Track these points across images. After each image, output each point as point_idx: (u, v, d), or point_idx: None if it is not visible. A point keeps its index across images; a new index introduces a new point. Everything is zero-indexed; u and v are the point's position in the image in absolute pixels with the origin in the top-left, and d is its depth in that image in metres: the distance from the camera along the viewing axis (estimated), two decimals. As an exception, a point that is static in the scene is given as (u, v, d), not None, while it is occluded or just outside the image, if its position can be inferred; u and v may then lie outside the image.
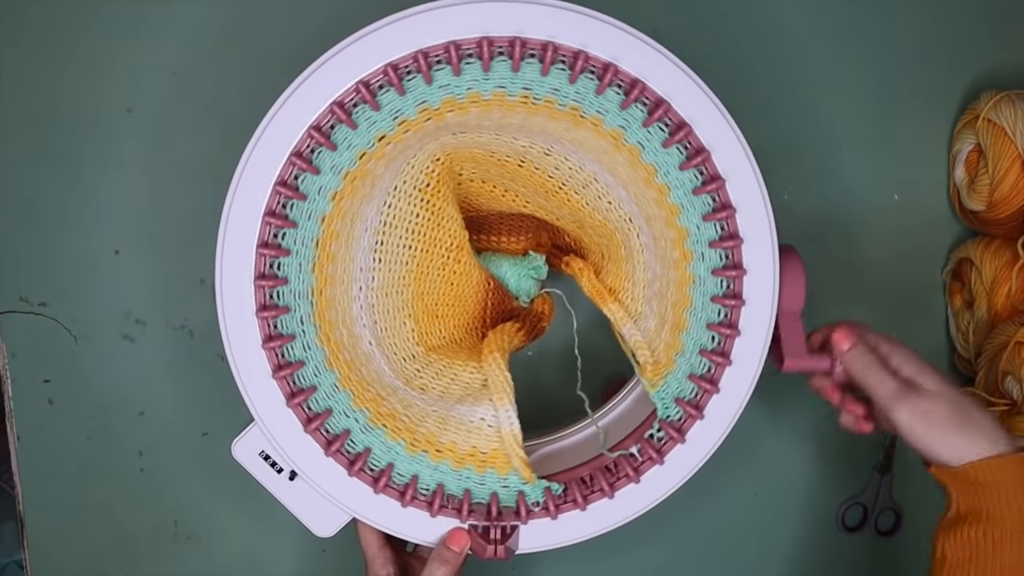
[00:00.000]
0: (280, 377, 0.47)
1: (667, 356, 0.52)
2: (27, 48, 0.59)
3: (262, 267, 0.46)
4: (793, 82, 0.65)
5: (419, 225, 0.53)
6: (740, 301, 0.49)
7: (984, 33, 0.66)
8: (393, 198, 0.51)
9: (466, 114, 0.46)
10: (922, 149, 0.67)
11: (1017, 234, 0.62)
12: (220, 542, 0.64)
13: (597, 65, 0.44)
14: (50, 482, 0.62)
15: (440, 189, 0.53)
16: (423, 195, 0.52)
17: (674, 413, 0.51)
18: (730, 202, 0.47)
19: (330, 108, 0.44)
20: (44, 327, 0.61)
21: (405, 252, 0.53)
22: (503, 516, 0.50)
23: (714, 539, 0.68)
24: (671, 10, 0.63)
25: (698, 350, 0.50)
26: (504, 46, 0.44)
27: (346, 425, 0.49)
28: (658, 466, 0.51)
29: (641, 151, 0.47)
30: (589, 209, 0.54)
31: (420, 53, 0.43)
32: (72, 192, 0.60)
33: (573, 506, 0.51)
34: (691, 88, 0.46)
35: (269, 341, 0.47)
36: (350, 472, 0.49)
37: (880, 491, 0.68)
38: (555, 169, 0.53)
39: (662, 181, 0.48)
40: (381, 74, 0.44)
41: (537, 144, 0.51)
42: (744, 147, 0.47)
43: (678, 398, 0.51)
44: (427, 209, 0.52)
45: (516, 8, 0.43)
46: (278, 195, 0.45)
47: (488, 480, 0.51)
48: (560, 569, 0.66)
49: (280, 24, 0.61)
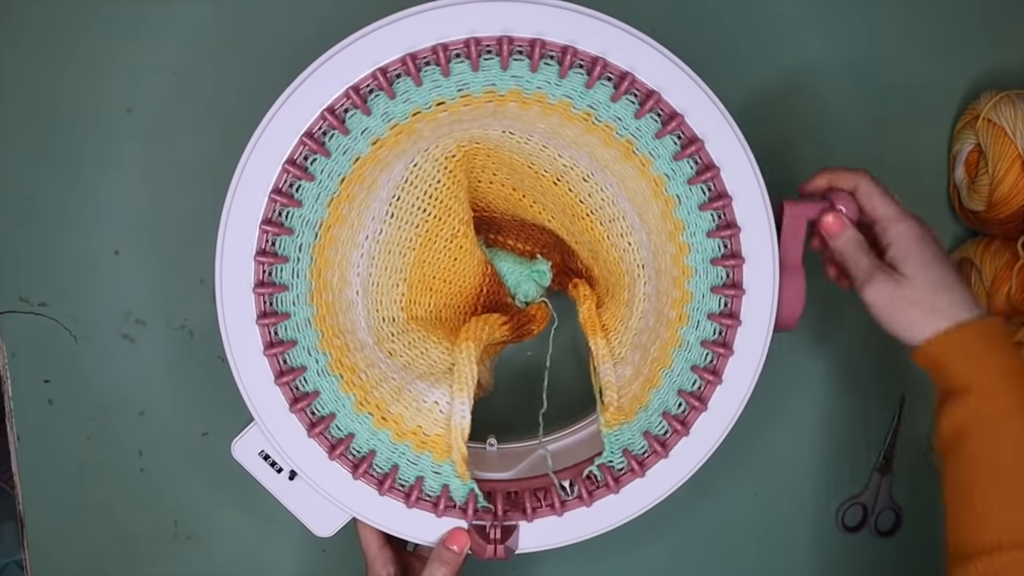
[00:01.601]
0: (283, 383, 0.47)
1: (631, 407, 0.52)
2: (27, 48, 0.59)
3: (261, 274, 0.46)
4: (792, 82, 0.65)
5: (438, 191, 0.53)
6: (740, 293, 0.49)
7: (984, 33, 0.66)
8: (421, 158, 0.51)
9: (481, 109, 0.47)
10: (922, 149, 0.67)
11: (1017, 234, 0.62)
12: (220, 542, 0.64)
13: (614, 72, 0.45)
14: (50, 482, 0.62)
15: (464, 164, 0.53)
16: (447, 164, 0.52)
17: (617, 461, 0.51)
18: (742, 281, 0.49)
19: (346, 93, 0.45)
20: (44, 327, 0.61)
21: (418, 215, 0.53)
22: (507, 515, 0.50)
23: (714, 539, 0.68)
24: (671, 10, 0.63)
25: (661, 410, 0.51)
26: (524, 45, 0.44)
27: (333, 410, 0.49)
28: (663, 460, 0.51)
29: (676, 204, 0.48)
30: (608, 244, 0.54)
31: (440, 46, 0.44)
32: (72, 192, 0.60)
33: (579, 503, 0.51)
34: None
35: (271, 347, 0.47)
36: (340, 464, 0.49)
37: (880, 491, 0.68)
38: (588, 196, 0.53)
39: (685, 240, 0.49)
40: (400, 63, 0.44)
41: (580, 167, 0.52)
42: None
43: (626, 449, 0.51)
44: (449, 177, 0.53)
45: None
46: (275, 204, 0.45)
47: (422, 462, 0.51)
48: (560, 569, 0.66)
49: (280, 24, 0.61)
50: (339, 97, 0.44)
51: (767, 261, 0.49)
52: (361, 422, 0.50)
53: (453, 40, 0.44)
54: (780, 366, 0.59)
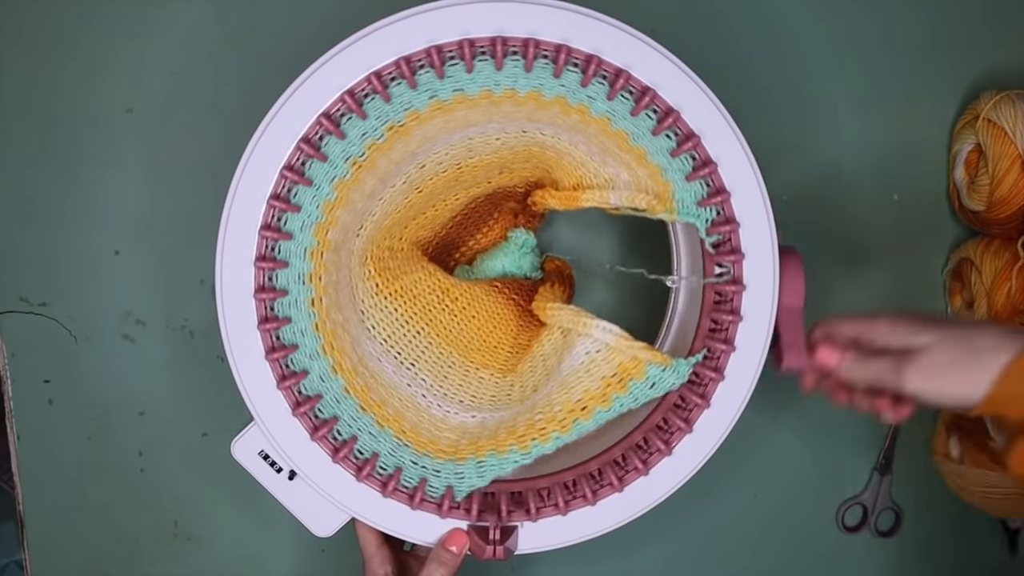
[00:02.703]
0: (285, 387, 0.47)
1: (659, 184, 0.50)
2: (27, 48, 0.59)
3: (261, 280, 0.46)
4: (793, 82, 0.65)
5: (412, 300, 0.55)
6: (741, 285, 0.50)
7: (984, 33, 0.66)
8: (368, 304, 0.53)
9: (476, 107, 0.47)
10: (922, 149, 0.67)
11: (1017, 234, 0.62)
12: (220, 542, 0.64)
13: (610, 71, 0.45)
14: (50, 482, 0.62)
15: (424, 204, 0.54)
16: (394, 303, 0.54)
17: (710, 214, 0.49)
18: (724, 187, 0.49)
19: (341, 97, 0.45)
20: (44, 327, 0.61)
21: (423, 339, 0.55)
22: (511, 515, 0.50)
23: (714, 539, 0.68)
24: (670, 10, 0.63)
25: (679, 170, 0.49)
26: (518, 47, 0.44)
27: (336, 412, 0.50)
28: (666, 458, 0.51)
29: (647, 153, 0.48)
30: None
31: (433, 48, 0.44)
32: (72, 192, 0.61)
33: (583, 502, 0.51)
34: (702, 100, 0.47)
35: (272, 352, 0.47)
36: (342, 466, 0.49)
37: (880, 491, 0.67)
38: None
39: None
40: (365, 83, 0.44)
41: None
42: (752, 164, 0.48)
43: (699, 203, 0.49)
44: (402, 298, 0.54)
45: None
46: (272, 209, 0.45)
47: (423, 463, 0.50)
48: (559, 570, 0.66)
49: (280, 24, 0.61)
50: (334, 102, 0.45)
51: (767, 256, 0.49)
52: (363, 422, 0.50)
53: (447, 42, 0.44)
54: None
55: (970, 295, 0.65)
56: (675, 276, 0.53)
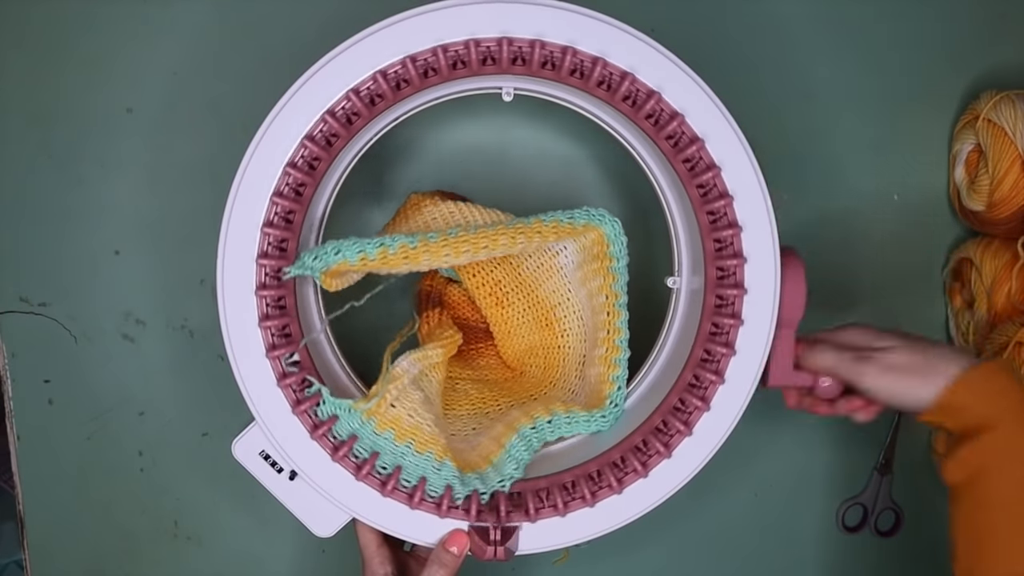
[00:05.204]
0: (285, 385, 0.47)
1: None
2: (27, 48, 0.59)
3: (262, 276, 0.46)
4: (793, 82, 0.65)
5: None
6: (743, 289, 0.50)
7: (984, 33, 0.66)
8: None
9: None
10: (922, 149, 0.67)
11: (1017, 234, 0.62)
12: (220, 542, 0.64)
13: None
14: (50, 482, 0.62)
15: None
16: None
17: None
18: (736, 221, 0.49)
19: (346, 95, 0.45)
20: (44, 327, 0.61)
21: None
22: (510, 516, 0.50)
23: (714, 539, 0.68)
24: (670, 10, 0.63)
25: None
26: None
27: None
28: (666, 460, 0.51)
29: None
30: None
31: (440, 48, 0.45)
32: (72, 192, 0.60)
33: (582, 503, 0.51)
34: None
35: (273, 350, 0.47)
36: (348, 469, 0.49)
37: (880, 491, 0.67)
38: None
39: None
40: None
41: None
42: (755, 168, 0.48)
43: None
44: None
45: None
46: (275, 206, 0.45)
47: (423, 463, 0.50)
48: (559, 570, 0.66)
49: (280, 24, 0.61)
50: (339, 99, 0.45)
51: (768, 258, 0.49)
52: (364, 423, 0.50)
53: (453, 42, 0.44)
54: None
55: (970, 295, 0.65)
56: (675, 277, 0.53)
